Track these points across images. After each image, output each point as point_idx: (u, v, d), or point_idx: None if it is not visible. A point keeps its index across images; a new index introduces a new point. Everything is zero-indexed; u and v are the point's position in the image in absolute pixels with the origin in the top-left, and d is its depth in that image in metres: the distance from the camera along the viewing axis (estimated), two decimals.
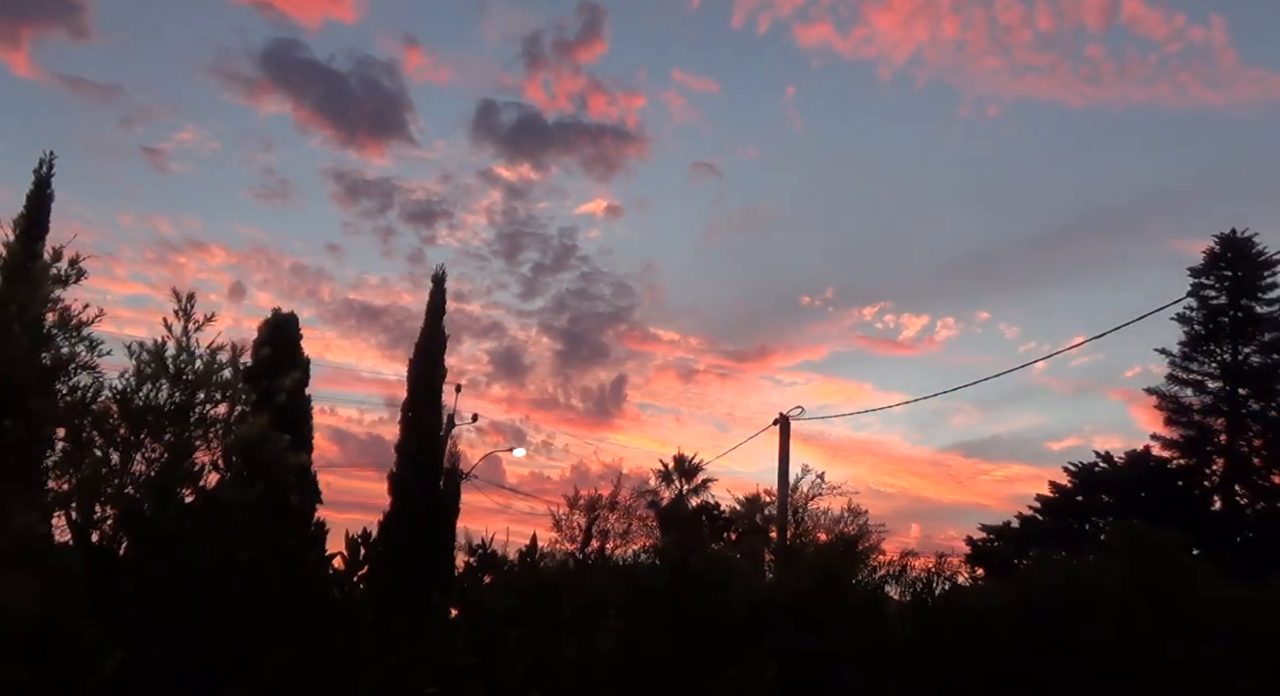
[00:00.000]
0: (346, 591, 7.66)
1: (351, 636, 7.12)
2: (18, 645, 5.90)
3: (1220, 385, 34.12)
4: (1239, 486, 33.36)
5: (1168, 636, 12.61)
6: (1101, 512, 34.59)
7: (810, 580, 14.42)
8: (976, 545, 35.52)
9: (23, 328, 7.72)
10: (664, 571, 12.66)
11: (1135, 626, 12.75)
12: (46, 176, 10.62)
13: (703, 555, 14.62)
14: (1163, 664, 12.39)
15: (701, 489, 37.31)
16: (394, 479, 21.50)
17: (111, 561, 7.24)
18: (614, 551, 20.52)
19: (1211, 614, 13.01)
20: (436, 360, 22.36)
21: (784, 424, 24.84)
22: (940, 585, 16.02)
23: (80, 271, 8.29)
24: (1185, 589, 13.41)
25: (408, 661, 7.34)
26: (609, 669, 8.85)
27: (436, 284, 22.85)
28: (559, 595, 9.77)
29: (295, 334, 16.10)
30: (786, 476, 24.50)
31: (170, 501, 7.34)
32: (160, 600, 6.47)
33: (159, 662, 6.12)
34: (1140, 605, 13.00)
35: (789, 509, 24.22)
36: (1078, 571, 14.92)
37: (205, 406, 8.06)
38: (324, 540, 8.84)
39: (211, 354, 8.17)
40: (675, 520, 26.62)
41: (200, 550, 6.68)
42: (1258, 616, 13.12)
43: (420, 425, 21.88)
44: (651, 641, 10.42)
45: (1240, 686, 12.38)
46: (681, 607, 11.42)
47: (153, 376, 7.86)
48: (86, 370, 7.92)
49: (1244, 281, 34.25)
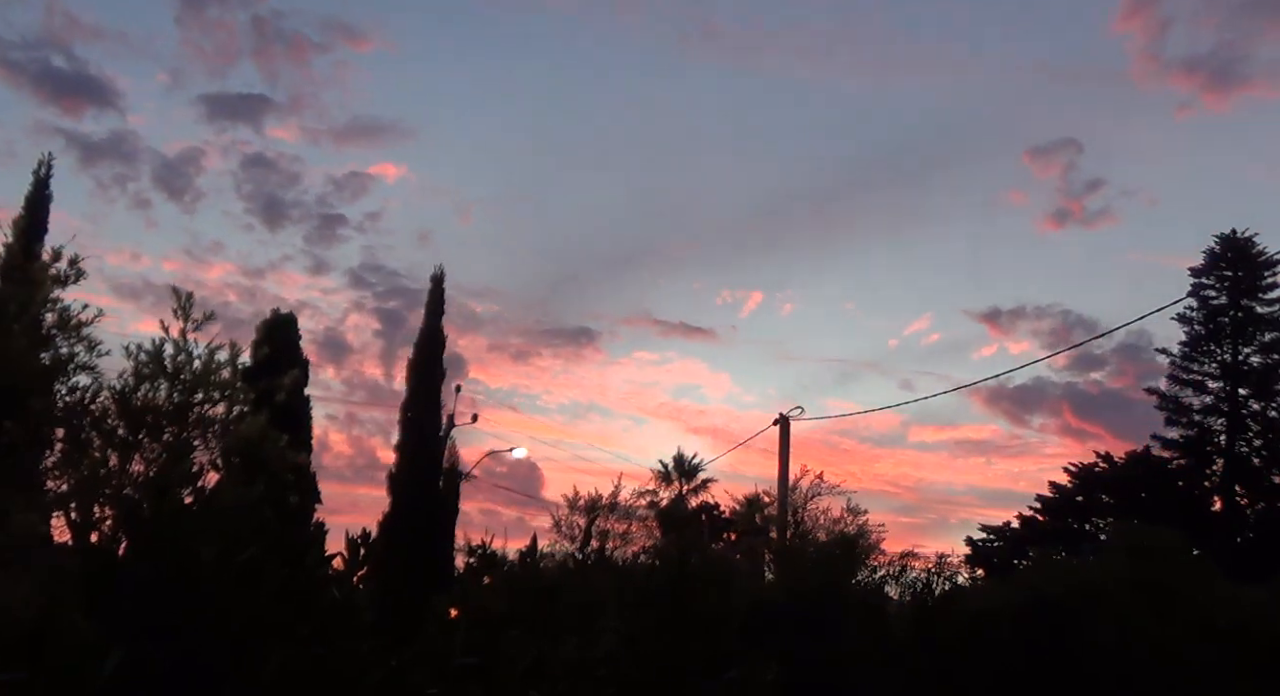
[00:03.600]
0: (346, 591, 7.65)
1: (351, 636, 7.10)
2: (17, 645, 5.89)
3: (1220, 385, 34.12)
4: (1239, 486, 33.37)
5: (1168, 636, 12.59)
6: (1101, 512, 34.61)
7: (810, 580, 14.42)
8: (976, 545, 35.53)
9: (22, 328, 7.71)
10: (663, 571, 12.64)
11: (1135, 626, 12.74)
12: (45, 177, 10.69)
13: (702, 555, 14.60)
14: (1163, 664, 12.38)
15: (701, 489, 37.38)
16: (393, 479, 21.49)
17: (110, 561, 7.23)
18: (614, 551, 20.52)
19: (1211, 614, 12.99)
20: (435, 360, 22.34)
21: (784, 424, 24.83)
22: (940, 585, 16.04)
23: (80, 272, 8.29)
24: (1185, 589, 13.40)
25: (407, 662, 7.34)
26: (609, 669, 8.84)
27: (435, 283, 22.81)
28: (558, 595, 9.77)
29: (294, 333, 16.16)
30: (786, 476, 24.52)
31: (169, 501, 7.32)
32: (159, 600, 6.45)
33: (158, 663, 6.11)
34: (1140, 605, 12.98)
35: (789, 509, 24.23)
36: (1078, 571, 14.90)
37: (204, 406, 8.05)
38: (324, 540, 8.83)
39: (210, 353, 8.16)
40: (675, 520, 26.63)
41: (199, 550, 6.67)
42: (1258, 616, 13.10)
43: (419, 425, 21.87)
44: (651, 641, 10.40)
45: (1240, 686, 12.37)
46: (681, 607, 11.39)
47: (151, 376, 7.85)
48: (85, 370, 7.91)
49: (1244, 281, 34.26)
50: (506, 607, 8.75)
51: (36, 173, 10.68)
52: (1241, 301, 34.24)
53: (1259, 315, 34.06)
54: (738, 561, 19.19)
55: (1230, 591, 13.99)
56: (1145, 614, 12.87)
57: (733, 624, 12.01)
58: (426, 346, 22.30)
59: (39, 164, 10.80)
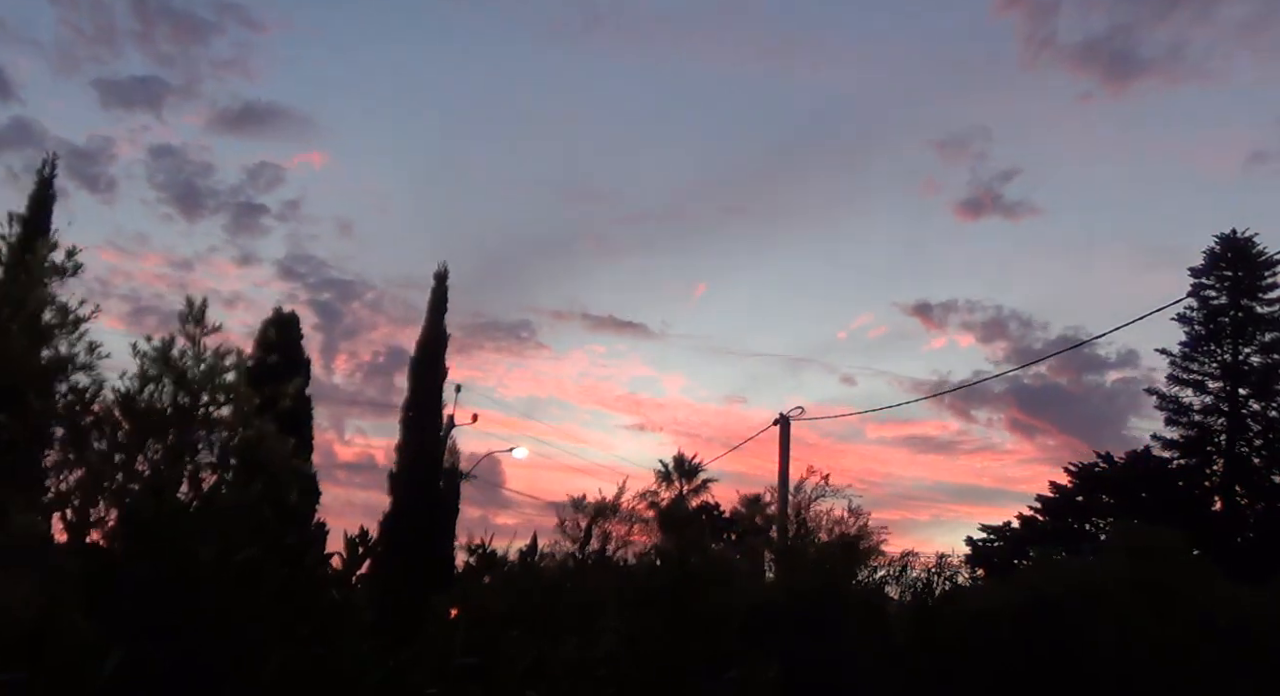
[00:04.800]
0: (345, 591, 7.65)
1: (351, 636, 7.10)
2: (17, 645, 5.89)
3: (1220, 385, 34.10)
4: (1239, 486, 33.34)
5: (1168, 636, 12.59)
6: (1101, 512, 34.58)
7: (810, 580, 14.42)
8: (976, 545, 35.52)
9: (22, 326, 7.71)
10: (664, 571, 12.64)
11: (1135, 626, 12.74)
12: (50, 175, 10.66)
13: (703, 555, 14.60)
14: (1163, 664, 12.38)
15: (702, 489, 37.31)
16: (394, 479, 21.46)
17: (110, 561, 7.22)
18: (614, 551, 20.51)
19: (1212, 614, 12.99)
20: (437, 359, 22.27)
21: (784, 424, 24.82)
22: (940, 585, 16.04)
23: (78, 265, 8.29)
24: (1185, 589, 13.40)
25: (407, 661, 7.34)
26: (609, 669, 8.84)
27: (438, 281, 22.68)
28: (559, 595, 9.77)
29: (297, 334, 16.11)
30: (787, 476, 24.46)
31: (168, 501, 7.32)
32: (159, 600, 6.45)
33: (158, 663, 6.11)
34: (1140, 605, 12.98)
35: (789, 509, 24.20)
36: (1078, 571, 14.90)
37: (208, 407, 8.05)
38: (324, 540, 8.84)
39: (214, 355, 8.16)
40: (675, 520, 26.60)
41: (199, 550, 6.67)
42: (1258, 616, 13.10)
43: (420, 425, 21.84)
44: (651, 641, 10.40)
45: (1240, 686, 12.37)
46: (682, 607, 11.39)
47: (156, 377, 7.85)
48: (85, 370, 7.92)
49: (1244, 281, 34.23)
50: (506, 607, 8.75)
51: (40, 170, 10.60)
52: (1241, 301, 34.20)
53: (1259, 315, 34.02)
54: (738, 561, 19.18)
55: (1230, 591, 13.99)
56: (1145, 614, 12.87)
57: (733, 624, 12.01)
58: (429, 345, 22.24)
59: (42, 162, 10.73)
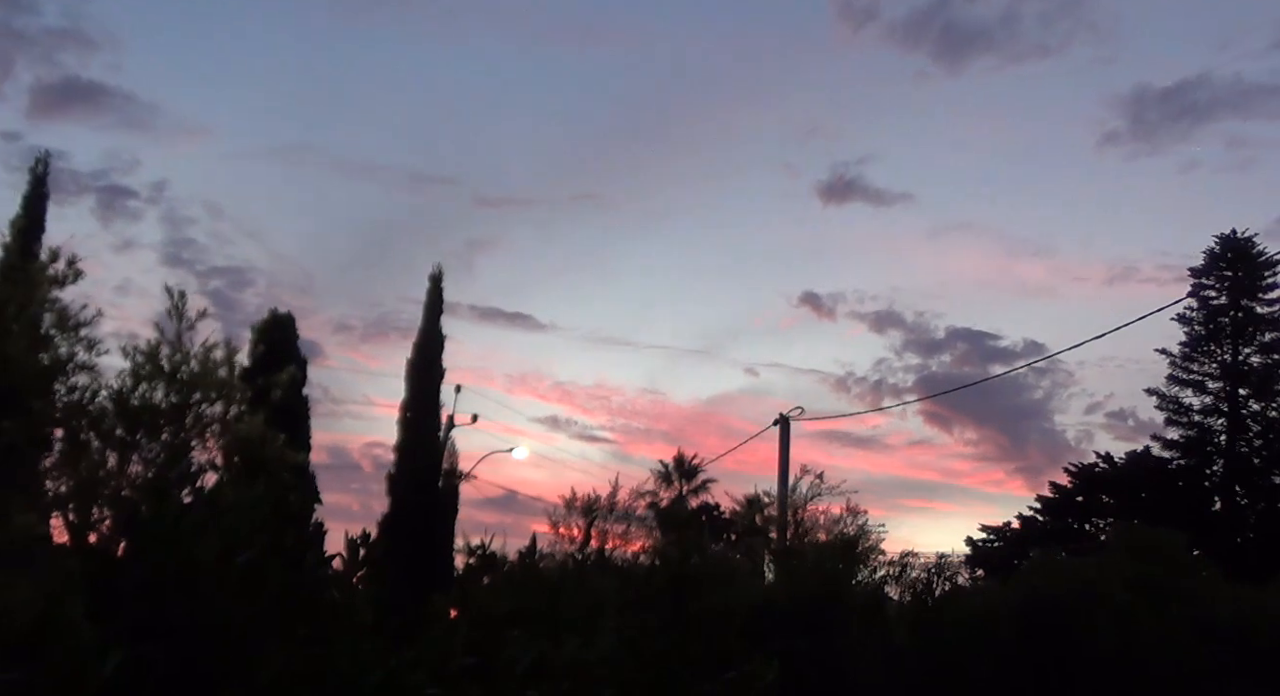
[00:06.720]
0: (345, 592, 7.63)
1: (350, 637, 7.09)
2: (17, 645, 5.88)
3: (1220, 385, 34.12)
4: (1239, 486, 33.36)
5: (1168, 636, 12.59)
6: (1101, 512, 34.63)
7: (810, 581, 14.40)
8: (976, 545, 35.52)
9: (21, 328, 7.70)
10: (664, 571, 12.62)
11: (1135, 626, 12.73)
12: (43, 176, 10.58)
13: (703, 555, 14.59)
14: (1163, 664, 12.37)
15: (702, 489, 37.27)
16: (393, 480, 21.47)
17: (110, 562, 7.21)
18: (614, 551, 20.49)
19: (1212, 614, 12.99)
20: (435, 360, 22.30)
21: (784, 424, 24.81)
22: (940, 586, 16.02)
23: (78, 272, 8.27)
24: (1185, 589, 13.40)
25: (407, 663, 7.32)
26: (609, 669, 8.83)
27: (434, 283, 22.74)
28: (558, 595, 9.76)
29: (292, 333, 16.15)
30: (786, 476, 24.46)
31: (167, 501, 7.31)
32: (158, 601, 6.44)
33: (158, 663, 6.10)
34: (1140, 605, 12.98)
35: (789, 509, 24.18)
36: (1078, 571, 14.90)
37: (202, 406, 8.04)
38: (323, 541, 8.82)
39: (206, 353, 8.14)
40: (675, 520, 26.58)
41: (198, 550, 6.66)
42: (1258, 616, 13.10)
43: (419, 426, 21.85)
44: (651, 642, 10.38)
45: (1240, 686, 12.36)
46: (681, 608, 11.38)
47: (149, 376, 7.84)
48: (84, 370, 7.90)
49: (1244, 282, 34.25)
50: (507, 608, 8.73)
51: (34, 170, 10.40)
52: (1241, 301, 34.24)
53: (1259, 315, 34.06)
54: (738, 562, 19.17)
55: (1230, 591, 14.00)
56: (1145, 614, 12.87)
57: (733, 624, 11.99)
58: (426, 347, 22.25)
59: (36, 162, 10.47)
